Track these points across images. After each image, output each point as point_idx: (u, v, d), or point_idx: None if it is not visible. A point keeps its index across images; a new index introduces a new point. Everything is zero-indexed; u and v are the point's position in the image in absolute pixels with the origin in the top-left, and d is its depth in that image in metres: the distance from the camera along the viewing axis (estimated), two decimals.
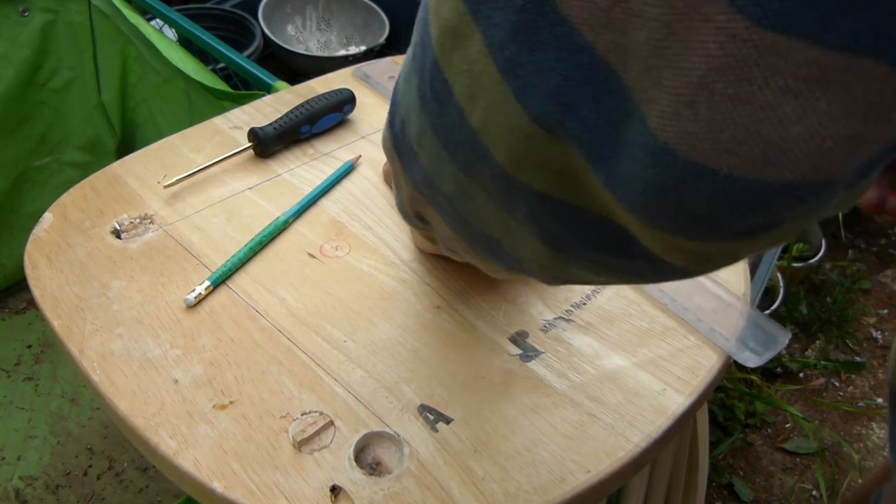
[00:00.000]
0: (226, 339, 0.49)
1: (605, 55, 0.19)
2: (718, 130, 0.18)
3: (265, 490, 0.40)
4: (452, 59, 0.23)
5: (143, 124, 1.22)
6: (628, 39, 0.18)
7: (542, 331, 0.50)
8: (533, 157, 0.23)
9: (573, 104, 0.20)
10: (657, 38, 0.18)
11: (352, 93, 0.68)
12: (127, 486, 1.06)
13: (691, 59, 0.18)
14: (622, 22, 0.18)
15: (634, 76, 0.19)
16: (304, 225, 0.58)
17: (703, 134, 0.18)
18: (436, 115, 0.25)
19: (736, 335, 0.50)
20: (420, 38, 0.25)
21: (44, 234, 0.56)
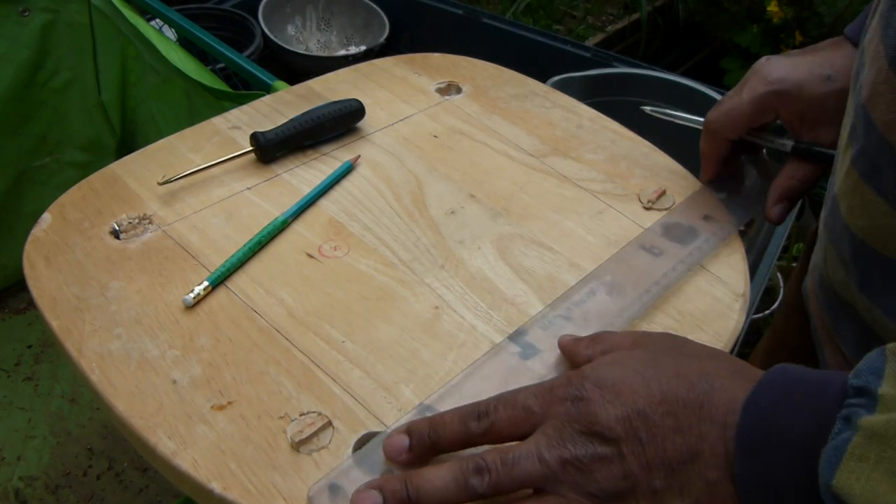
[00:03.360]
0: (224, 339, 0.49)
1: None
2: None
3: (263, 490, 0.40)
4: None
5: (142, 124, 1.22)
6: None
7: (542, 329, 0.50)
8: None
9: None
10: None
11: (361, 105, 0.67)
12: (126, 487, 1.06)
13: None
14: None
15: None
16: (302, 225, 0.58)
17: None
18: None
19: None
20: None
21: (42, 235, 0.56)
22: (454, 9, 1.48)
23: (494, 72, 0.77)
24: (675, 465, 0.34)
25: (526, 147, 0.67)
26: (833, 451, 0.29)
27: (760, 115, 0.57)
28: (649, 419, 0.34)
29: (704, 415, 0.34)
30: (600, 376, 0.36)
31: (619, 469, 0.34)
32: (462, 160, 0.65)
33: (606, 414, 0.35)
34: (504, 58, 0.83)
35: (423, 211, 0.59)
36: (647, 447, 0.34)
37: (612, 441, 0.34)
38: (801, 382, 0.33)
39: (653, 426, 0.34)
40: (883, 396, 0.28)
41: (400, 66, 0.77)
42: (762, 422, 0.32)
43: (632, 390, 0.35)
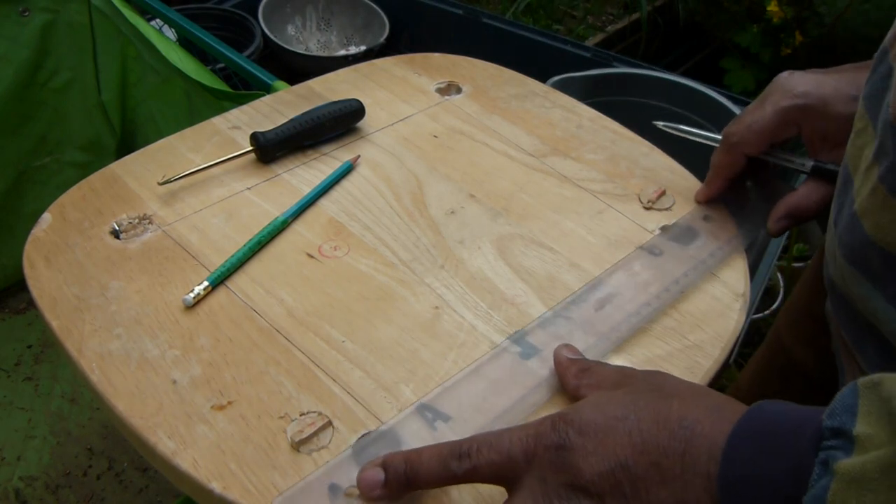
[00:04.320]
0: (224, 339, 0.49)
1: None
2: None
3: (263, 490, 0.40)
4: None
5: (142, 124, 1.22)
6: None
7: (542, 329, 0.50)
8: None
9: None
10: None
11: (361, 105, 0.67)
12: (126, 487, 1.06)
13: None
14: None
15: None
16: (302, 225, 0.58)
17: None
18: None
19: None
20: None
21: (42, 235, 0.56)
22: (454, 9, 1.48)
23: (494, 72, 0.77)
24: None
25: (526, 147, 0.67)
26: (812, 501, 0.29)
27: (783, 128, 0.55)
28: (633, 472, 0.34)
29: (687, 463, 0.33)
30: (584, 421, 0.36)
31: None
32: (462, 160, 0.65)
33: (590, 468, 0.35)
34: (504, 58, 0.83)
35: (423, 211, 0.60)
36: (632, 502, 0.34)
37: (597, 496, 0.34)
38: (777, 424, 0.32)
39: (637, 479, 0.34)
40: (858, 437, 0.28)
41: (400, 66, 0.77)
42: (742, 472, 0.32)
43: (615, 441, 0.35)
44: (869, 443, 0.28)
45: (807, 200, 0.56)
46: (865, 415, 0.29)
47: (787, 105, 0.54)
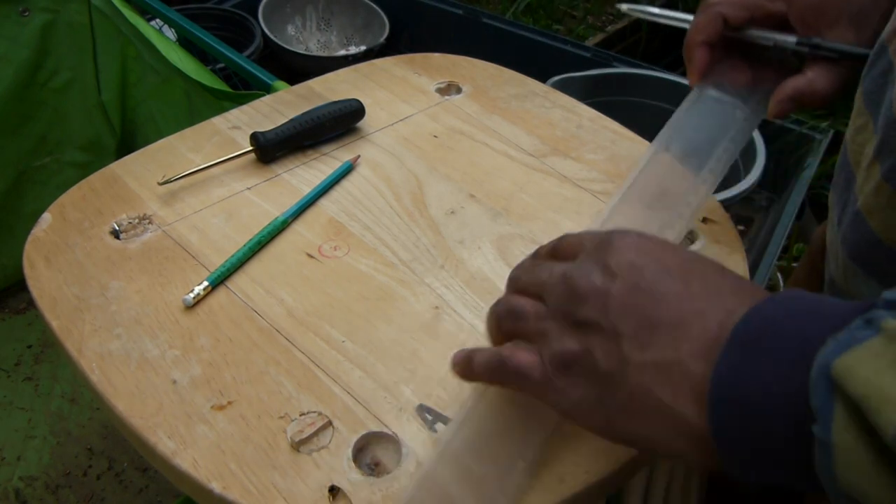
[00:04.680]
0: (224, 339, 0.49)
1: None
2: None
3: (263, 490, 0.40)
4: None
5: (142, 124, 1.22)
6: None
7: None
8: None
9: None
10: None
11: (361, 105, 0.67)
12: (126, 487, 1.06)
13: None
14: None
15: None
16: (302, 225, 0.58)
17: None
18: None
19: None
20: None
21: (42, 235, 0.56)
22: (454, 9, 1.48)
23: (494, 72, 0.77)
24: (655, 323, 0.33)
25: (526, 147, 0.67)
26: (846, 339, 0.26)
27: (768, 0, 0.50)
28: (660, 275, 0.34)
29: (714, 291, 0.33)
30: (626, 241, 0.36)
31: (599, 301, 0.35)
32: (462, 160, 0.65)
33: (621, 256, 0.35)
34: (504, 58, 0.83)
35: (423, 211, 0.59)
36: (639, 294, 0.34)
37: (613, 276, 0.35)
38: (816, 299, 0.30)
39: (658, 282, 0.34)
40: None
41: (400, 66, 0.77)
42: (770, 319, 0.30)
43: (651, 255, 0.35)
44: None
45: (811, 84, 0.50)
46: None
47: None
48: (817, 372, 0.27)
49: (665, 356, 0.32)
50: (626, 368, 0.33)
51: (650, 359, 0.33)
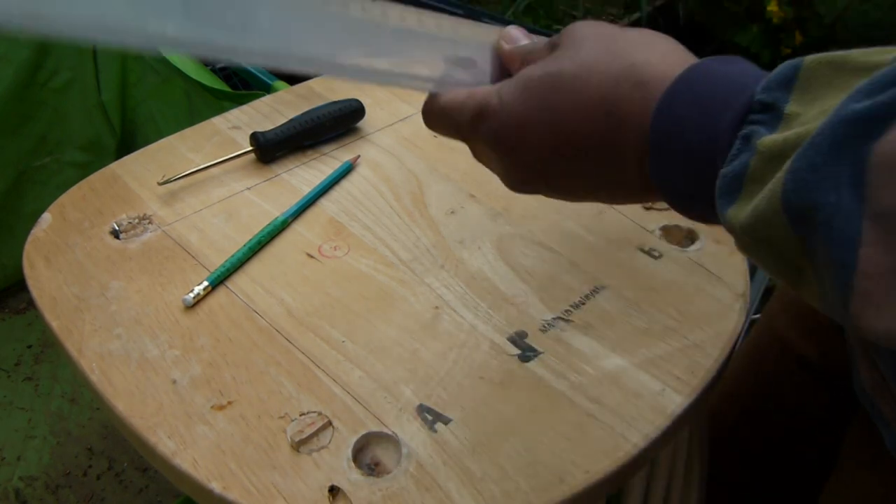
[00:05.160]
0: (224, 339, 0.49)
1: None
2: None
3: (263, 490, 0.40)
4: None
5: (142, 124, 1.22)
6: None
7: (541, 331, 0.50)
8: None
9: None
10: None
11: (361, 105, 0.67)
12: (127, 487, 1.06)
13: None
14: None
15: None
16: (302, 225, 0.58)
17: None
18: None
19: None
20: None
21: (42, 235, 0.56)
22: (454, 9, 1.48)
23: None
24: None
25: None
26: (731, 177, 0.28)
27: None
28: (556, 163, 0.35)
29: (616, 149, 0.34)
30: (502, 124, 0.36)
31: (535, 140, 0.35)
32: (462, 160, 0.65)
33: (514, 170, 0.36)
34: None
35: (423, 211, 0.59)
36: (561, 182, 0.36)
37: (528, 183, 0.37)
38: (711, 87, 0.31)
39: (559, 170, 0.35)
40: (788, 115, 0.27)
41: None
42: (668, 134, 0.32)
43: (534, 140, 0.36)
44: (796, 121, 0.27)
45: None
46: (801, 90, 0.28)
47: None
48: (721, 216, 0.29)
49: (612, 171, 0.34)
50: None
51: (601, 182, 0.35)
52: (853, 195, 0.24)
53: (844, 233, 0.24)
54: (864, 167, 0.23)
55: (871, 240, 0.23)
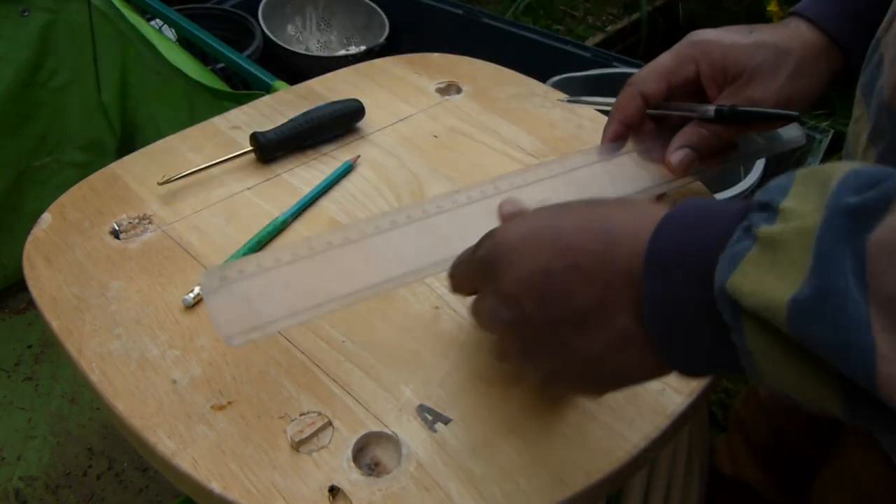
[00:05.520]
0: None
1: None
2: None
3: (263, 490, 0.40)
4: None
5: (143, 124, 1.22)
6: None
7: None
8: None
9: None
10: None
11: (361, 105, 0.67)
12: (126, 487, 1.06)
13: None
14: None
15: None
16: (303, 225, 0.58)
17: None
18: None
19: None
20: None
21: (42, 235, 0.56)
22: (454, 9, 1.48)
23: (494, 72, 0.77)
24: (581, 316, 0.34)
25: (526, 147, 0.67)
26: (730, 257, 0.29)
27: (680, 66, 0.54)
28: (552, 276, 0.34)
29: (607, 262, 0.34)
30: (508, 233, 0.37)
31: (525, 332, 0.36)
32: (462, 160, 0.65)
33: (510, 275, 0.36)
34: (504, 58, 0.83)
35: None
36: (551, 305, 0.35)
37: (515, 303, 0.36)
38: (706, 206, 0.32)
39: (555, 283, 0.34)
40: (783, 210, 0.28)
41: (400, 66, 0.77)
42: (665, 247, 0.32)
43: (536, 248, 0.36)
44: (793, 215, 0.28)
45: (700, 129, 0.54)
46: (796, 195, 0.29)
47: (684, 43, 0.55)
48: (718, 294, 0.29)
49: (611, 335, 0.34)
50: (581, 356, 0.35)
51: (603, 345, 0.34)
52: (858, 284, 0.25)
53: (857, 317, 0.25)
54: (864, 257, 0.25)
55: (879, 326, 0.25)
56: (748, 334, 0.28)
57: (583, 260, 0.34)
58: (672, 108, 0.56)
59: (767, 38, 0.53)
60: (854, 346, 0.25)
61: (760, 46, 0.53)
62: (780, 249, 0.27)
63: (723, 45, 0.53)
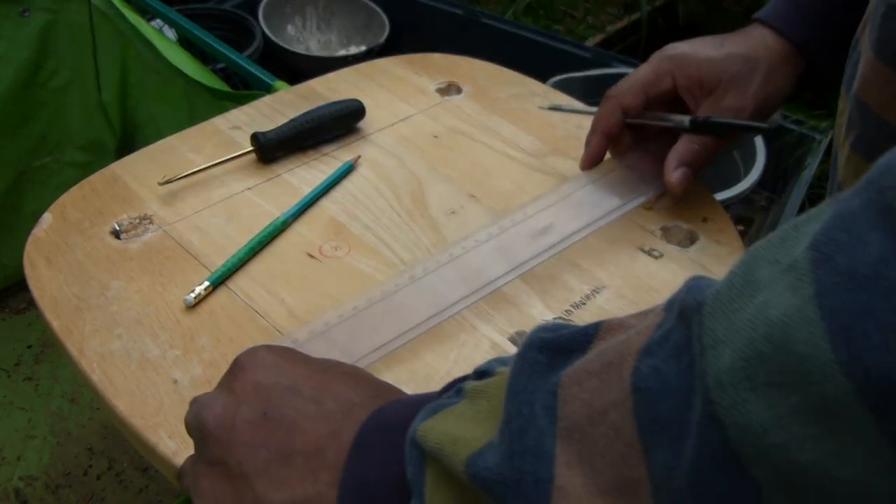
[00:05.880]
0: (225, 339, 0.49)
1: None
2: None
3: None
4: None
5: (143, 124, 1.22)
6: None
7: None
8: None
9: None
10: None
11: (361, 105, 0.67)
12: (127, 486, 1.06)
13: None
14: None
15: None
16: (303, 225, 0.58)
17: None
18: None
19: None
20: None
21: (43, 235, 0.56)
22: (454, 9, 1.48)
23: (494, 72, 0.77)
24: (289, 454, 0.30)
25: (526, 147, 0.67)
26: (434, 407, 0.28)
27: (658, 79, 0.57)
28: (290, 397, 0.32)
29: (346, 406, 0.31)
30: (259, 350, 0.34)
31: (224, 437, 0.32)
32: (462, 160, 0.65)
33: (253, 376, 0.32)
34: (504, 58, 0.83)
35: (424, 211, 0.60)
36: (268, 424, 0.31)
37: (238, 403, 0.32)
38: (417, 398, 0.31)
39: (288, 405, 0.31)
40: (499, 372, 0.28)
41: (400, 66, 0.77)
42: (379, 418, 0.30)
43: (290, 368, 0.33)
44: (505, 371, 0.28)
45: (691, 144, 0.57)
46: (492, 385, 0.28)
47: (661, 57, 0.58)
48: (409, 443, 0.27)
49: (305, 492, 0.30)
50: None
51: (289, 498, 0.30)
52: (548, 416, 0.24)
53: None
54: (556, 390, 0.25)
55: (564, 461, 0.24)
56: (429, 488, 0.26)
57: (328, 398, 0.32)
58: (649, 118, 0.59)
59: (736, 49, 0.56)
60: (530, 476, 0.24)
61: (731, 58, 0.56)
62: (483, 398, 0.27)
63: (697, 59, 0.57)
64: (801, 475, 0.19)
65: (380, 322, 0.48)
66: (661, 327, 0.24)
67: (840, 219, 0.19)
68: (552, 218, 0.57)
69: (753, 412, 0.19)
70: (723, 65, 0.56)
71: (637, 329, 0.25)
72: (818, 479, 0.19)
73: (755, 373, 0.19)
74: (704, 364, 0.21)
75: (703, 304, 0.22)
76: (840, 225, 0.19)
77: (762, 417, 0.19)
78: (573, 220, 0.57)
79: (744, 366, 0.20)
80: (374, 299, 0.49)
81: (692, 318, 0.22)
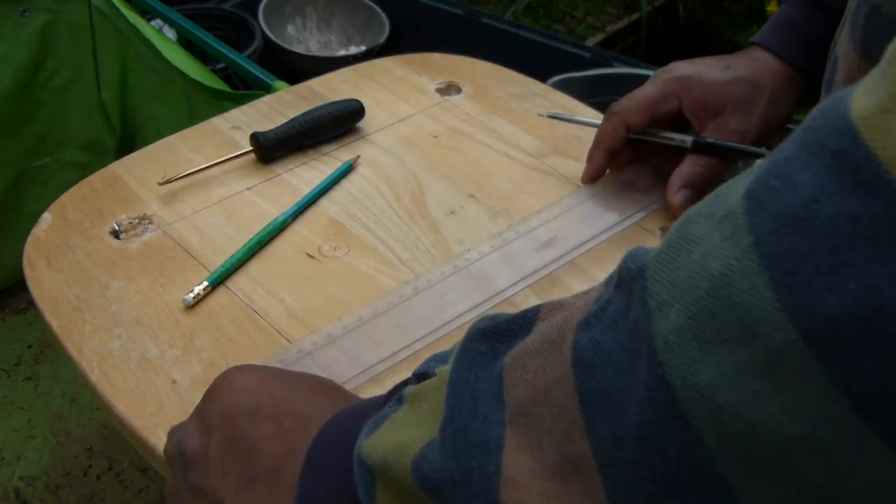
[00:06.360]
0: (224, 339, 0.49)
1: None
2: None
3: None
4: None
5: (142, 124, 1.22)
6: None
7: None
8: None
9: None
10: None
11: (361, 105, 0.67)
12: (127, 487, 1.06)
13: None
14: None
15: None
16: (302, 225, 0.58)
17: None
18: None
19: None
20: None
21: (42, 235, 0.56)
22: (454, 9, 1.48)
23: (494, 72, 0.77)
24: (253, 477, 0.32)
25: (526, 147, 0.67)
26: (376, 420, 0.28)
27: (664, 100, 0.58)
28: (251, 421, 0.32)
29: (303, 423, 0.32)
30: (229, 374, 0.35)
31: (201, 465, 0.33)
32: (462, 160, 0.65)
33: (221, 402, 0.34)
34: (504, 58, 0.83)
35: (424, 211, 0.60)
36: (234, 449, 0.32)
37: (209, 431, 0.33)
38: (362, 405, 0.31)
39: (250, 429, 0.32)
40: (440, 372, 0.28)
41: (400, 66, 0.77)
42: (328, 434, 0.31)
43: (255, 390, 0.34)
44: (444, 370, 0.27)
45: (696, 167, 0.57)
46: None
47: (667, 78, 0.58)
48: (356, 461, 0.27)
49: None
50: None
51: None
52: (495, 403, 0.24)
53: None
54: (501, 376, 0.24)
55: (513, 447, 0.23)
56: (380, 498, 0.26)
57: (286, 417, 0.33)
58: (652, 135, 0.60)
59: (742, 73, 0.57)
60: (476, 472, 0.23)
61: (737, 82, 0.57)
62: (422, 400, 0.27)
63: (704, 82, 0.57)
64: (752, 436, 0.19)
65: (387, 332, 0.48)
66: (599, 301, 0.23)
67: (773, 165, 0.19)
68: (555, 231, 0.57)
69: (702, 371, 0.19)
70: (729, 88, 0.56)
71: (576, 305, 0.25)
72: (770, 438, 0.18)
73: (702, 330, 0.19)
74: (651, 327, 0.20)
75: (644, 268, 0.21)
76: (773, 171, 0.19)
77: (711, 376, 0.19)
78: (575, 234, 0.57)
79: (690, 324, 0.19)
80: (379, 310, 0.50)
81: (634, 283, 0.22)
